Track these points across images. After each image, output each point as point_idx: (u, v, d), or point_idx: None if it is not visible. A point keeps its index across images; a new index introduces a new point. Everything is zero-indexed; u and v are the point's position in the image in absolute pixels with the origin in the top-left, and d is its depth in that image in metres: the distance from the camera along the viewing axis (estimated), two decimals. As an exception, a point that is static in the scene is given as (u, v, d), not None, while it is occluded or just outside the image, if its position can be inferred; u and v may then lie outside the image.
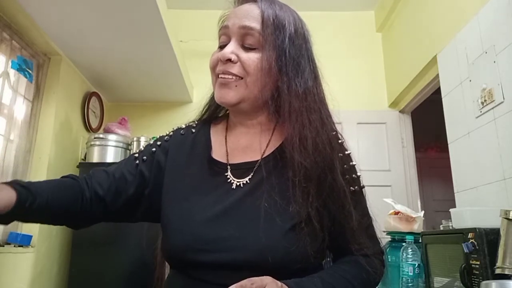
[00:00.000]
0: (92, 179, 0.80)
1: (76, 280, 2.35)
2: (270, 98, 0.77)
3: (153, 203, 0.80)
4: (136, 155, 0.85)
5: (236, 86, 0.76)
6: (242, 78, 0.76)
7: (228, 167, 0.78)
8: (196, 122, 0.90)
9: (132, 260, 2.33)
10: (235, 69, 0.75)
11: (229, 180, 0.76)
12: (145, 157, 0.83)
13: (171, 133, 0.88)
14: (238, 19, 0.77)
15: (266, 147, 0.79)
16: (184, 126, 0.89)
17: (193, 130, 0.87)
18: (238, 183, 0.75)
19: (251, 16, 0.77)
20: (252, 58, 0.75)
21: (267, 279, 0.61)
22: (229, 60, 0.75)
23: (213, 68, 0.80)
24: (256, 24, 0.76)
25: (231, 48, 0.76)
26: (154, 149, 0.85)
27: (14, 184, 0.68)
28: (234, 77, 0.76)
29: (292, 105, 0.75)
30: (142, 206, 0.81)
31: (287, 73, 0.76)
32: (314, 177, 0.72)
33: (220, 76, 0.77)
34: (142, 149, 0.87)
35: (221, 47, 0.79)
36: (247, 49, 0.76)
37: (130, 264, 2.34)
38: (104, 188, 0.79)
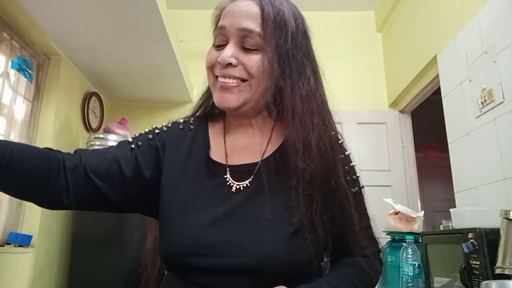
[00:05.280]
0: (81, 158, 0.72)
1: (76, 280, 2.35)
2: (272, 100, 0.74)
3: (150, 191, 0.76)
4: (130, 140, 0.80)
5: (240, 91, 0.72)
6: (245, 81, 0.72)
7: (227, 169, 0.75)
8: (193, 118, 0.86)
9: (132, 260, 2.33)
10: (237, 72, 0.72)
11: (228, 183, 0.73)
12: (140, 143, 0.78)
13: (169, 124, 0.84)
14: (236, 19, 0.72)
15: (266, 148, 0.77)
16: (181, 121, 0.85)
17: (191, 127, 0.83)
18: (238, 186, 0.73)
19: (250, 16, 0.72)
20: (254, 59, 0.71)
21: None
22: (229, 64, 0.71)
23: (210, 67, 0.75)
24: (255, 26, 0.71)
25: (231, 52, 0.72)
26: (150, 136, 0.80)
27: None
28: (237, 81, 0.72)
29: (296, 109, 0.72)
30: (137, 193, 0.76)
31: (290, 76, 0.73)
32: (318, 182, 0.70)
33: (220, 80, 0.73)
34: (136, 136, 0.81)
35: (218, 46, 0.75)
36: (247, 50, 0.72)
37: (130, 264, 2.34)
38: (92, 168, 0.72)
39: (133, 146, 0.78)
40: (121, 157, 0.75)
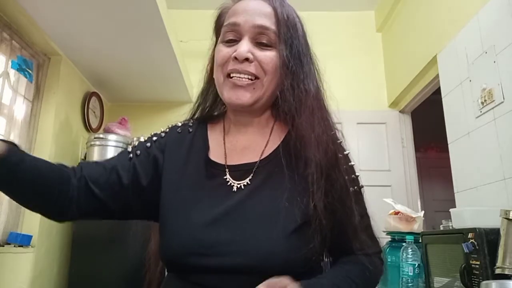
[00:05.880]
0: (82, 170, 0.75)
1: (76, 280, 2.35)
2: (280, 97, 0.75)
3: (149, 198, 0.77)
4: (129, 149, 0.82)
5: (254, 88, 0.73)
6: (258, 78, 0.73)
7: (227, 169, 0.75)
8: (192, 121, 0.86)
9: (132, 260, 2.33)
10: (252, 68, 0.73)
11: (228, 183, 0.74)
12: (138, 152, 0.80)
13: (167, 130, 0.85)
14: (250, 17, 0.74)
15: (265, 147, 0.77)
16: (180, 124, 0.86)
17: (190, 130, 0.84)
18: (238, 185, 0.73)
19: (264, 14, 0.74)
20: (269, 56, 0.73)
21: (285, 280, 0.61)
22: (246, 59, 0.72)
23: (222, 65, 0.75)
24: (270, 24, 0.74)
25: (248, 47, 0.73)
26: (149, 144, 0.81)
27: (8, 141, 0.66)
28: (251, 78, 0.73)
29: (307, 105, 0.74)
30: (137, 201, 0.77)
31: (303, 72, 0.75)
32: (324, 176, 0.70)
33: (233, 76, 0.73)
34: (136, 144, 0.83)
35: (229, 42, 0.75)
36: (262, 47, 0.74)
37: (130, 264, 2.34)
38: (92, 179, 0.75)
39: (131, 155, 0.80)
40: (120, 166, 0.78)
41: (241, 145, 0.79)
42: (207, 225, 0.69)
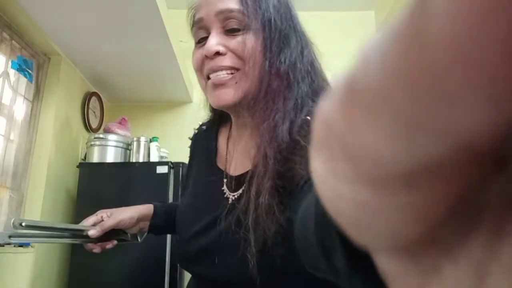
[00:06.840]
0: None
1: (76, 280, 2.35)
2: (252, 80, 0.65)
3: None
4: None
5: (236, 82, 0.64)
6: (239, 70, 0.65)
7: (225, 179, 0.72)
8: (207, 122, 0.87)
9: (132, 260, 2.33)
10: (227, 61, 0.64)
11: (225, 194, 0.71)
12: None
13: (192, 138, 0.90)
14: (212, 5, 0.66)
15: (256, 152, 0.68)
16: (198, 126, 0.90)
17: (204, 127, 0.86)
18: (233, 197, 0.69)
19: None
20: (241, 41, 0.64)
21: None
22: (217, 53, 0.64)
23: (199, 68, 0.69)
24: (234, 5, 0.64)
25: (216, 39, 0.64)
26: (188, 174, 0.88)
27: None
28: (230, 72, 0.64)
29: (267, 83, 0.63)
30: None
31: (271, 48, 0.64)
32: (274, 173, 0.59)
33: (212, 76, 0.66)
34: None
35: (200, 42, 0.69)
36: (232, 34, 0.65)
37: (131, 265, 2.34)
38: None
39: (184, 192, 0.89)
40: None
41: (241, 151, 0.74)
42: (197, 234, 0.71)
